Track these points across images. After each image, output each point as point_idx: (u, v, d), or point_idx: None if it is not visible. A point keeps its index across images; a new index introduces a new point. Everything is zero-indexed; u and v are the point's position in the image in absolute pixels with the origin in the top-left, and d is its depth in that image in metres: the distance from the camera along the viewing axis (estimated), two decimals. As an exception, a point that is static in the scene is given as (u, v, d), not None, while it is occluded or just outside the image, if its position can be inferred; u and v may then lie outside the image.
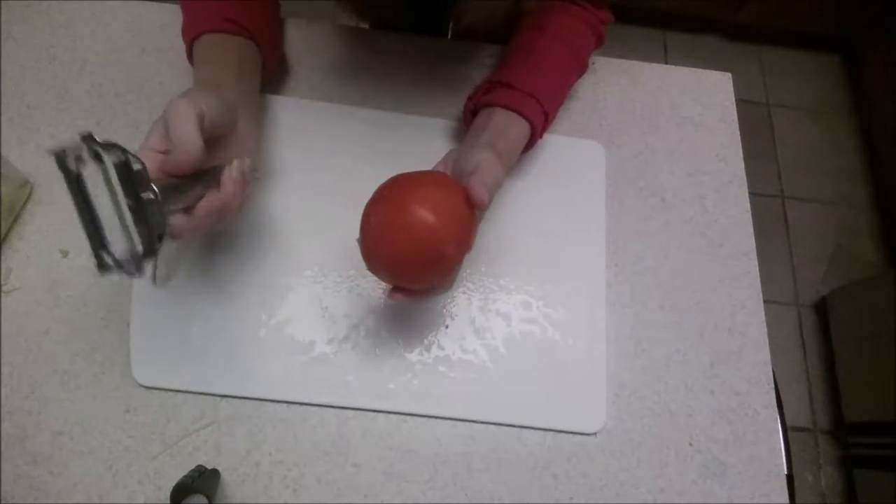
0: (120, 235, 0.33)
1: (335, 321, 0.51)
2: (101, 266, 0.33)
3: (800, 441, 1.37)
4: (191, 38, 0.48)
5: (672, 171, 0.62)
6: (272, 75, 0.57)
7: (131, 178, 0.33)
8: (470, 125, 0.53)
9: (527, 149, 0.54)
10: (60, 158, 0.32)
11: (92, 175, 0.33)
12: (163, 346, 0.49)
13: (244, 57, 0.49)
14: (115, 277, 0.33)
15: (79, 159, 0.32)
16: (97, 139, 0.33)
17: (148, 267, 0.35)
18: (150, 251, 0.34)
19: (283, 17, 0.61)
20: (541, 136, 0.54)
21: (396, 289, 0.42)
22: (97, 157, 0.33)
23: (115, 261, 0.33)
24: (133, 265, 0.34)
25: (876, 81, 1.66)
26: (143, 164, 0.33)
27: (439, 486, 0.48)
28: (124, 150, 0.33)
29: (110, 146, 0.33)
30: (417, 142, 0.58)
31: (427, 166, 0.49)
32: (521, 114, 0.51)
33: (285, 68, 0.61)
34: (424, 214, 0.39)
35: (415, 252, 0.39)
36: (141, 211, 0.33)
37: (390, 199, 0.41)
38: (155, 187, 0.34)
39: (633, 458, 0.50)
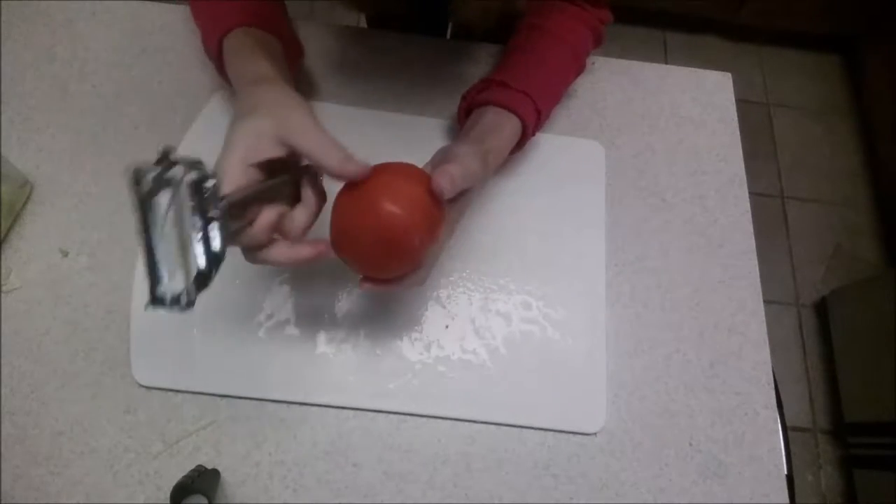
0: (175, 268, 0.32)
1: (335, 321, 0.51)
2: (155, 301, 0.32)
3: (800, 441, 1.37)
4: (221, 34, 0.46)
5: (672, 171, 0.62)
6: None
7: (202, 196, 0.32)
8: (464, 124, 0.53)
9: (519, 146, 0.53)
10: (135, 179, 0.31)
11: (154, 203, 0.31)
12: (163, 346, 0.49)
13: (282, 54, 0.48)
14: (161, 312, 0.32)
15: (155, 180, 0.31)
16: (176, 158, 0.32)
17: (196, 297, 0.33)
18: (207, 278, 0.32)
19: (283, 17, 0.61)
20: (533, 135, 0.54)
21: (366, 278, 0.42)
22: (164, 181, 0.31)
23: (170, 296, 0.32)
24: (185, 299, 0.32)
25: (876, 81, 1.66)
26: (216, 178, 0.33)
27: (439, 486, 0.48)
28: (201, 165, 0.32)
29: (192, 162, 0.32)
30: (416, 142, 0.58)
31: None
32: (512, 111, 0.50)
33: (285, 68, 0.61)
34: (388, 205, 0.38)
35: (377, 242, 0.39)
36: (206, 231, 0.32)
37: (357, 189, 0.40)
38: (219, 205, 0.32)
39: (633, 458, 0.50)
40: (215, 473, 0.46)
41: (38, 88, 0.58)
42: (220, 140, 0.38)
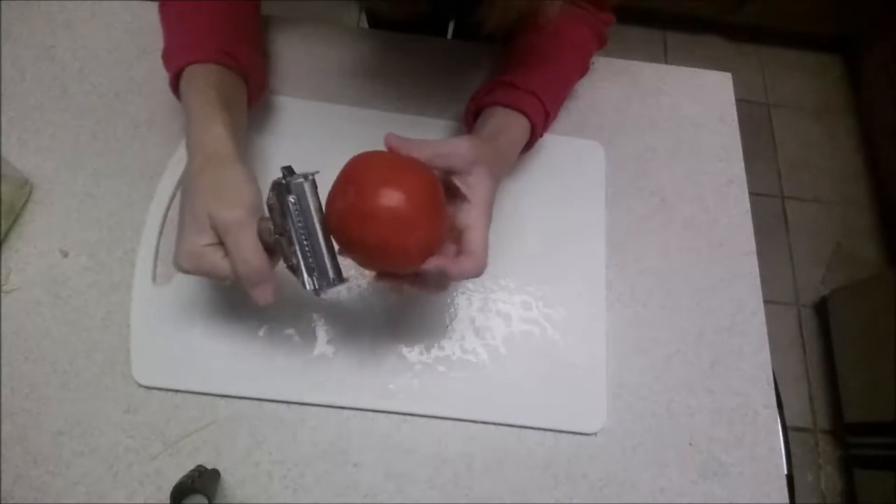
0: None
1: (335, 321, 0.51)
2: (321, 286, 0.39)
3: (800, 441, 1.37)
4: (183, 64, 0.46)
5: (672, 171, 0.62)
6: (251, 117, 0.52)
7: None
8: (472, 126, 0.53)
9: (527, 148, 0.54)
10: (280, 189, 0.38)
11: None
12: (163, 346, 0.49)
13: (241, 96, 0.48)
14: (327, 295, 0.38)
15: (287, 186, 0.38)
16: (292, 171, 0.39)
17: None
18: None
19: (283, 17, 0.61)
20: (541, 135, 0.54)
21: (382, 274, 0.43)
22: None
23: (327, 279, 0.39)
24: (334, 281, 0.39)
25: (876, 81, 1.66)
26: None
27: (439, 486, 0.48)
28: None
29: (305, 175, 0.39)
30: (417, 142, 0.58)
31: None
32: (521, 111, 0.51)
33: (287, 68, 0.61)
34: (392, 204, 0.37)
35: (379, 241, 0.38)
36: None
37: (359, 182, 0.39)
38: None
39: (633, 458, 0.50)
40: (215, 473, 0.46)
41: (38, 88, 0.58)
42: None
